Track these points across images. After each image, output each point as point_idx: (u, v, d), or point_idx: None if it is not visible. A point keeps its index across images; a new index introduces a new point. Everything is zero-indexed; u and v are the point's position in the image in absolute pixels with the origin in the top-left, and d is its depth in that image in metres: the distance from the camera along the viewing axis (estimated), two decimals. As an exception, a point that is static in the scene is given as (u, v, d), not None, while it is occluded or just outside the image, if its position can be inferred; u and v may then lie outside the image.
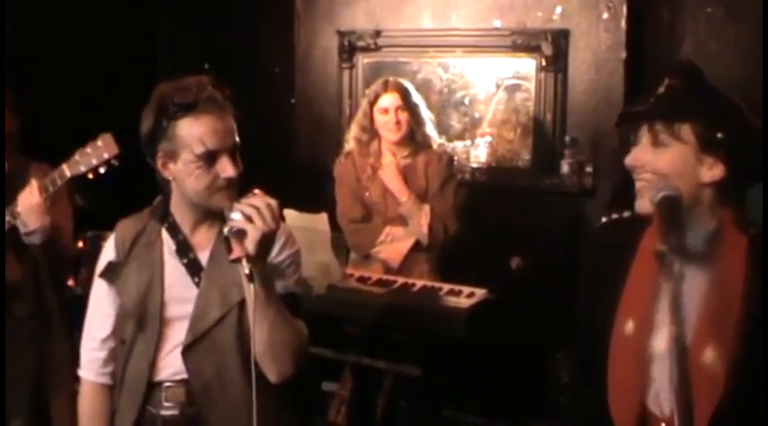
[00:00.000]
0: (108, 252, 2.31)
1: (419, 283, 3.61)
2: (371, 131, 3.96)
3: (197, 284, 2.19)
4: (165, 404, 2.18)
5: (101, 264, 2.31)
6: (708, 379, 1.67)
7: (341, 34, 5.09)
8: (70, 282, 4.31)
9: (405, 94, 3.92)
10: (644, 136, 1.75)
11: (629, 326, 1.79)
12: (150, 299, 2.21)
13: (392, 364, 3.53)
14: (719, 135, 1.68)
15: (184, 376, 2.17)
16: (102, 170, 2.81)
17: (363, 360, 3.58)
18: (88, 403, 2.33)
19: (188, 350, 2.16)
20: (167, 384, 2.19)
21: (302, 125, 5.35)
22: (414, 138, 3.96)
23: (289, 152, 5.35)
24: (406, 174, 3.95)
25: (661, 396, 1.76)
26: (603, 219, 2.01)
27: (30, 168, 3.09)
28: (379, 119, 3.91)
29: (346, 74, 5.11)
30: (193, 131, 2.06)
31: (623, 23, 4.41)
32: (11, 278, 3.12)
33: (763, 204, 1.79)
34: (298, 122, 5.36)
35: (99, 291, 2.31)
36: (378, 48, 5.01)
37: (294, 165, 5.33)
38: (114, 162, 2.87)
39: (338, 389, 3.72)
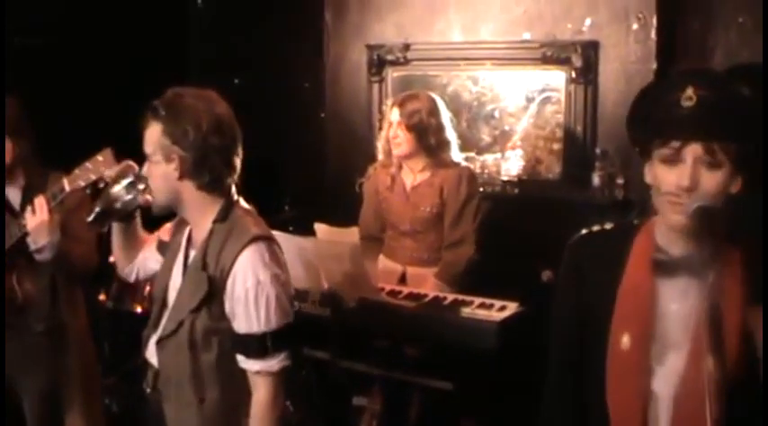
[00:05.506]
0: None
1: (450, 296, 3.58)
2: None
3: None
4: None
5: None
6: (706, 394, 1.61)
7: (370, 48, 5.11)
8: (101, 297, 4.33)
9: (405, 113, 3.77)
10: (690, 154, 1.65)
11: (625, 341, 1.74)
12: (160, 281, 2.40)
13: (423, 378, 3.51)
14: (751, 151, 1.64)
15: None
16: (101, 185, 2.82)
17: (394, 374, 3.56)
18: None
19: (159, 343, 2.32)
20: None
21: (332, 139, 5.37)
22: (422, 156, 3.85)
23: (319, 166, 5.35)
24: (421, 190, 3.87)
25: (660, 411, 1.73)
26: (582, 231, 1.96)
27: (48, 179, 3.09)
28: (389, 131, 3.87)
29: (376, 87, 5.13)
30: None
31: (653, 34, 4.38)
32: (28, 293, 3.14)
33: (763, 205, 1.75)
34: (328, 136, 5.38)
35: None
36: (407, 62, 5.01)
37: (324, 179, 5.34)
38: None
39: (368, 403, 3.71)
